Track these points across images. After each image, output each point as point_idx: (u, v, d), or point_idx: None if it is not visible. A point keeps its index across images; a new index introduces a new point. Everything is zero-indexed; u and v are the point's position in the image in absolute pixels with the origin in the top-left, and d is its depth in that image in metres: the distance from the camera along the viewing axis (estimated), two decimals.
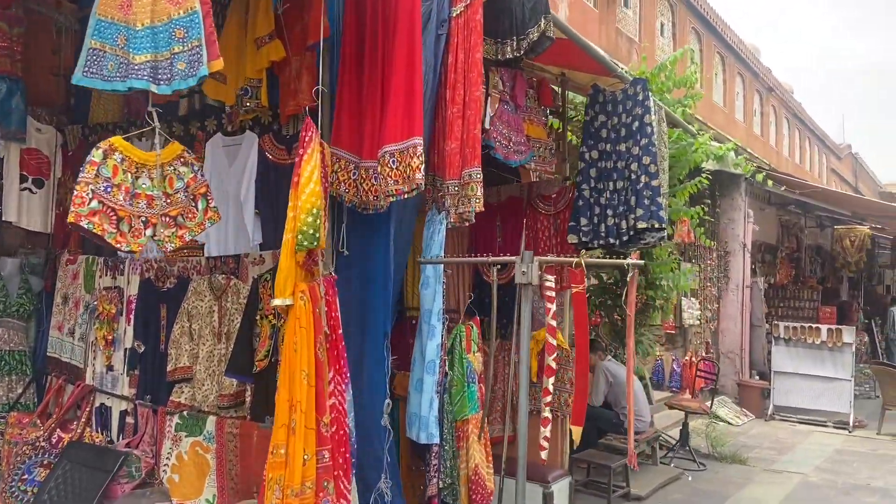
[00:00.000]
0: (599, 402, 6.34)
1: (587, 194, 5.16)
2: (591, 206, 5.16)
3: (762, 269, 12.24)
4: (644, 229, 5.02)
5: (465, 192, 3.38)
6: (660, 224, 4.98)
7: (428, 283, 3.50)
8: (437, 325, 3.48)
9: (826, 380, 10.03)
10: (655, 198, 5.02)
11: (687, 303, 10.00)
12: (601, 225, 5.11)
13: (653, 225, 4.98)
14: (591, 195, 5.17)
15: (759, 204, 12.05)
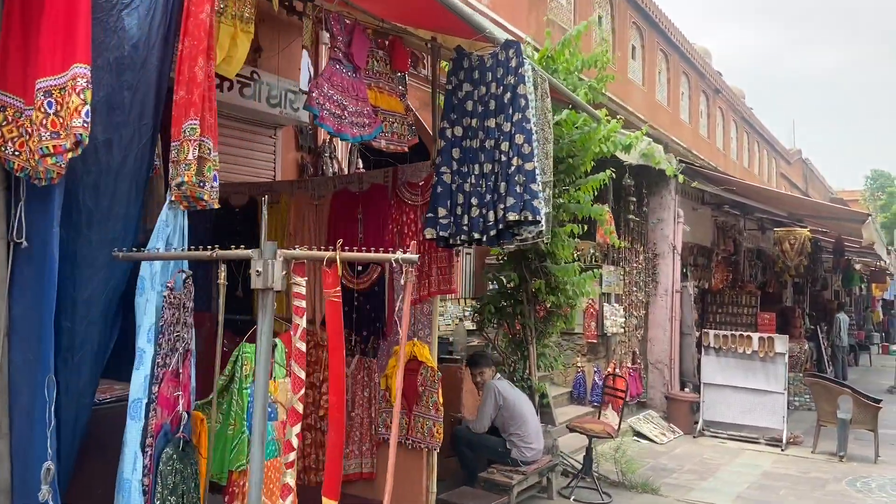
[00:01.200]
0: (484, 428, 5.47)
1: (448, 179, 4.29)
2: (452, 193, 4.29)
3: (695, 273, 11.62)
4: (516, 222, 4.17)
5: (181, 158, 2.43)
6: (534, 216, 4.14)
7: (142, 287, 2.54)
8: (147, 348, 2.52)
9: (758, 392, 9.40)
10: (529, 184, 4.18)
11: (610, 309, 9.26)
12: (464, 217, 4.24)
13: (526, 217, 4.14)
14: (452, 180, 4.30)
15: (691, 203, 11.43)
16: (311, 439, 5.08)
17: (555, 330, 6.65)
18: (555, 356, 6.74)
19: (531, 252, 6.37)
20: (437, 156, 4.35)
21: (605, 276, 9.26)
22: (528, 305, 6.51)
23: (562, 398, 9.28)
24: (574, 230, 6.68)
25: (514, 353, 6.59)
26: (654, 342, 10.46)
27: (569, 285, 6.43)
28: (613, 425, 6.53)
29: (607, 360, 9.36)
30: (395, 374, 4.67)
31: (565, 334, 9.60)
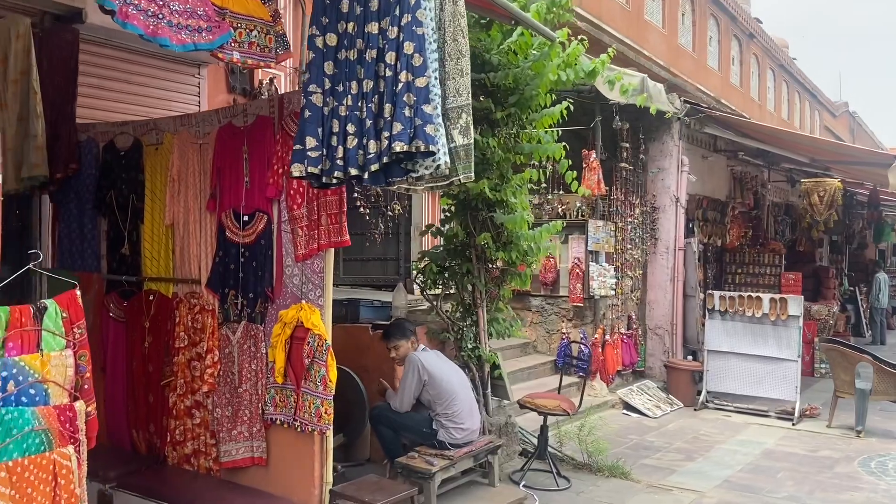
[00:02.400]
0: (405, 407, 4.74)
1: (318, 101, 3.50)
2: (324, 118, 3.50)
3: (704, 228, 10.63)
4: (407, 154, 3.39)
5: None
6: (427, 145, 3.35)
7: None
8: None
9: (769, 360, 8.50)
10: (421, 106, 3.39)
11: (598, 269, 8.39)
12: (339, 148, 3.46)
13: (417, 147, 3.36)
14: (324, 102, 3.51)
15: (700, 151, 10.40)
16: (199, 418, 4.44)
17: (506, 291, 5.85)
18: (509, 322, 5.95)
19: (478, 201, 5.56)
20: (304, 71, 3.55)
21: (592, 233, 8.38)
22: (477, 264, 5.72)
23: (544, 368, 8.52)
24: (535, 176, 5.85)
25: (463, 319, 5.82)
26: (654, 305, 9.57)
27: (523, 239, 5.61)
28: (573, 402, 5.74)
29: (595, 325, 8.53)
30: (280, 344, 3.96)
31: (549, 297, 8.81)
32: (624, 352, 8.90)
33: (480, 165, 5.57)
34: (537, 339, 8.93)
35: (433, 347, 5.67)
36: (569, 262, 8.65)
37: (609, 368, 8.56)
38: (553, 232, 5.66)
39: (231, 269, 4.30)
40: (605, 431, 7.31)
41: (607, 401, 8.35)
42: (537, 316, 8.93)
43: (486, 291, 5.78)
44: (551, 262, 8.73)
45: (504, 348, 8.45)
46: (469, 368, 5.60)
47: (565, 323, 8.68)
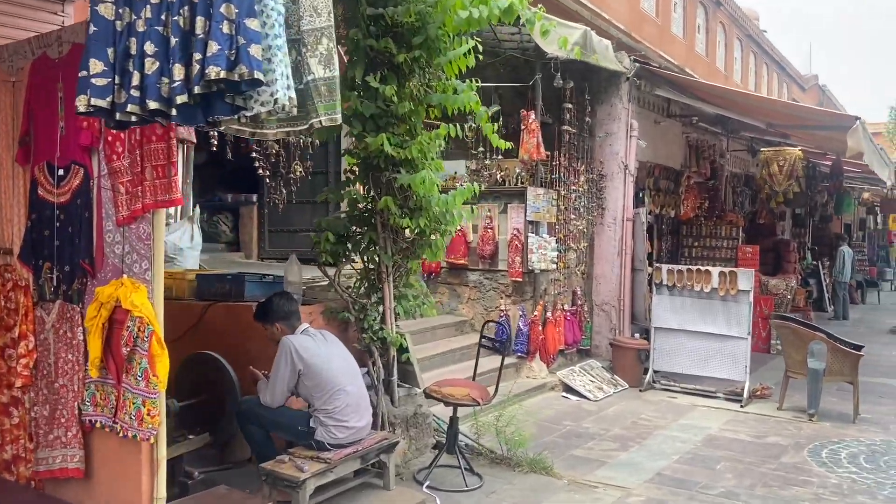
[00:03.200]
0: (277, 402, 4.00)
1: (107, 12, 2.70)
2: (115, 35, 2.70)
3: (657, 198, 9.97)
4: (230, 84, 2.61)
5: None
6: (251, 71, 2.58)
7: None
8: None
9: (717, 338, 7.90)
10: (244, 20, 2.61)
11: (537, 241, 7.67)
12: (134, 74, 2.66)
13: (242, 75, 2.57)
14: (116, 15, 2.70)
15: (652, 115, 9.69)
16: (17, 418, 3.65)
17: (414, 264, 5.09)
18: (421, 300, 5.21)
19: (381, 160, 4.79)
20: None
21: (531, 201, 7.65)
22: (383, 232, 4.95)
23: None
24: (454, 133, 5.07)
25: (367, 296, 5.07)
26: (600, 280, 8.91)
27: (435, 204, 4.86)
28: (487, 389, 5.04)
29: (534, 301, 7.84)
30: (95, 329, 3.17)
31: (488, 272, 8.09)
32: (567, 330, 8.24)
33: (384, 118, 4.81)
34: (475, 317, 8.22)
35: (332, 328, 4.94)
36: (507, 233, 7.92)
37: (549, 348, 7.90)
38: (466, 195, 4.90)
39: (45, 235, 3.50)
40: (538, 417, 6.68)
41: (546, 383, 7.70)
42: (475, 292, 8.22)
43: (394, 264, 5.02)
44: (489, 233, 8.00)
45: (438, 327, 7.75)
46: (371, 352, 4.87)
47: (504, 299, 7.98)
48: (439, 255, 4.99)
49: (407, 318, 5.20)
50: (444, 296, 8.41)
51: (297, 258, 5.12)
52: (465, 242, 8.16)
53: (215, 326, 4.91)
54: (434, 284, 8.47)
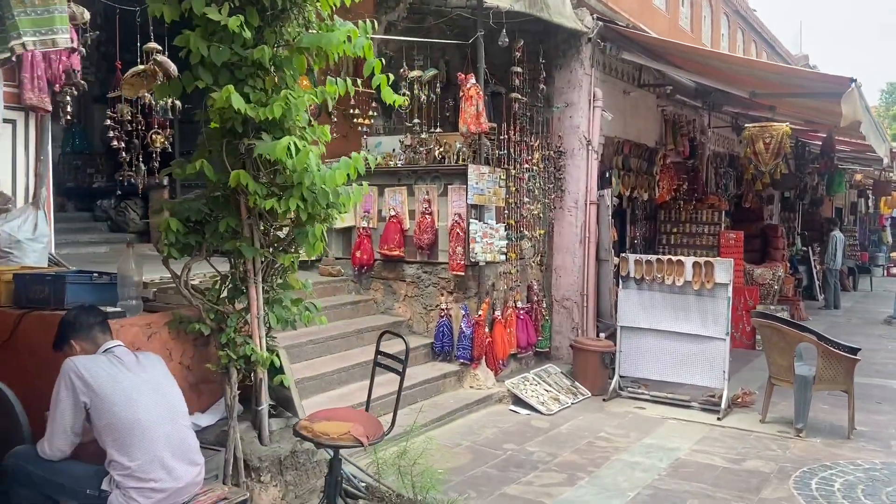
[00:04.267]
0: (59, 452, 2.89)
1: None
2: None
3: (626, 179, 8.88)
4: None
5: None
6: None
7: None
8: None
9: (692, 339, 6.86)
10: None
11: (481, 228, 6.57)
12: None
13: None
14: None
15: (620, 84, 8.59)
16: None
17: (288, 260, 3.97)
18: (304, 305, 4.09)
19: (237, 121, 3.67)
20: None
21: (473, 182, 6.53)
22: (248, 219, 3.84)
23: (418, 353, 6.73)
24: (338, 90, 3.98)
25: (230, 301, 3.96)
26: (560, 272, 7.84)
27: (312, 182, 3.74)
28: (380, 422, 3.93)
29: (479, 298, 6.75)
30: None
31: (426, 264, 6.99)
32: (520, 330, 7.17)
33: (243, 68, 3.69)
34: (413, 318, 7.13)
35: (184, 344, 3.84)
36: (448, 219, 6.82)
37: (498, 352, 6.82)
38: (348, 169, 3.79)
39: None
40: (475, 439, 5.63)
41: (492, 394, 6.63)
42: (413, 288, 7.12)
43: (264, 260, 3.91)
44: (427, 219, 6.90)
45: (365, 330, 6.67)
46: (228, 375, 3.77)
47: (445, 296, 6.88)
48: (318, 247, 3.87)
49: (283, 328, 4.09)
50: (377, 293, 7.32)
51: (134, 250, 3.97)
52: (400, 230, 7.06)
53: (30, 343, 3.78)
54: (367, 279, 7.38)
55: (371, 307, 7.24)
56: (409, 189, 7.07)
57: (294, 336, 5.95)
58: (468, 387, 6.68)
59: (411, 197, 7.07)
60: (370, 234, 7.29)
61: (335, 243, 7.62)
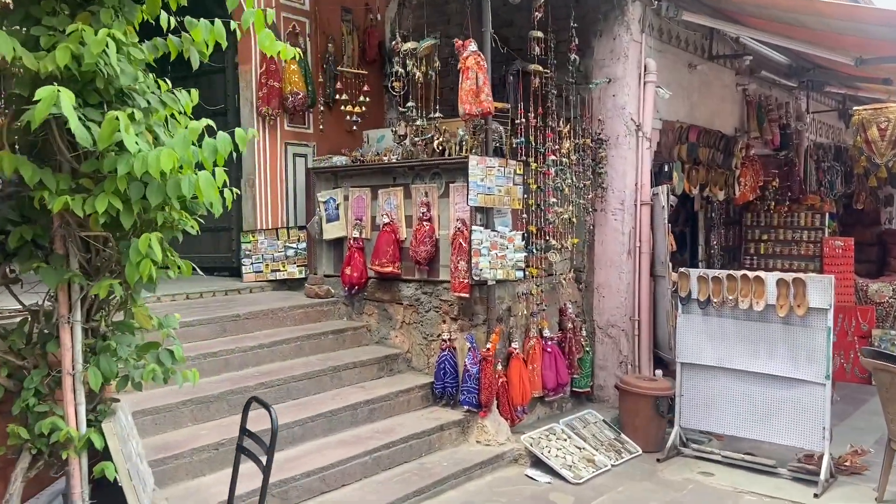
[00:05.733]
0: None
1: None
2: None
3: (696, 174, 7.17)
4: None
5: None
6: None
7: None
8: None
9: (779, 382, 5.16)
10: None
11: (487, 236, 5.12)
12: None
13: None
14: None
15: (685, 56, 6.94)
16: None
17: (103, 290, 2.67)
18: (156, 357, 2.80)
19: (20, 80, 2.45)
20: None
21: (476, 178, 5.10)
22: (61, 227, 2.61)
23: (414, 396, 5.37)
24: None
25: (41, 350, 2.72)
26: (604, 291, 6.26)
27: (140, 168, 2.45)
28: None
29: (488, 327, 5.29)
30: None
31: (427, 283, 5.64)
32: (547, 367, 5.66)
33: None
34: (411, 349, 5.76)
35: None
36: (450, 227, 5.43)
37: (515, 396, 5.35)
38: (185, 149, 2.48)
39: None
40: None
41: (504, 452, 5.13)
42: (411, 312, 5.76)
43: (83, 290, 2.66)
44: (425, 227, 5.53)
45: (349, 366, 5.35)
46: (18, 461, 2.53)
47: (447, 323, 5.48)
48: (145, 269, 2.55)
49: (119, 388, 2.81)
50: (371, 318, 6.00)
51: None
52: (395, 242, 5.72)
53: None
54: (360, 302, 6.08)
55: (363, 336, 5.93)
56: (406, 190, 5.74)
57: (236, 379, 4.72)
58: (474, 441, 5.22)
59: (408, 200, 5.73)
60: (362, 247, 5.99)
61: (325, 258, 6.37)
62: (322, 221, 6.27)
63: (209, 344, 4.98)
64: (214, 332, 5.15)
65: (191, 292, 5.87)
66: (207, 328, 5.12)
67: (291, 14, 6.66)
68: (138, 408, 4.04)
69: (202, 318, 5.14)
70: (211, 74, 6.81)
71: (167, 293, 5.71)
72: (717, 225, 8.66)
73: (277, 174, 6.59)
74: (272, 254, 6.48)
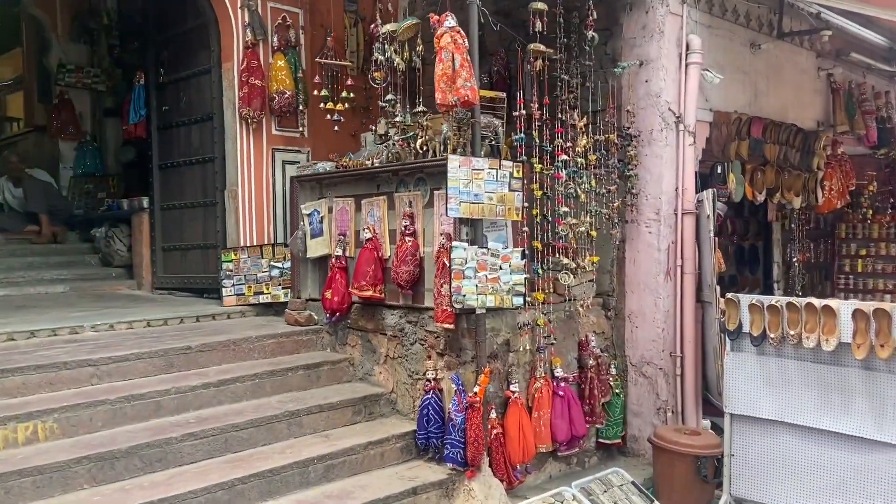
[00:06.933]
0: None
1: None
2: None
3: (760, 177, 5.96)
4: None
5: None
6: None
7: None
8: None
9: (858, 444, 3.98)
10: None
11: (473, 255, 4.19)
12: None
13: None
14: None
15: (744, 33, 5.79)
16: None
17: None
18: None
19: None
20: None
21: (458, 183, 4.18)
22: None
23: (392, 447, 4.50)
24: None
25: None
26: (637, 321, 5.18)
27: None
28: None
29: (477, 365, 4.34)
30: None
31: (411, 310, 4.78)
32: (558, 414, 4.65)
33: None
34: (396, 389, 4.90)
35: None
36: (435, 242, 4.55)
37: (512, 452, 4.39)
38: None
39: None
40: None
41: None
42: (395, 345, 4.90)
43: None
44: (408, 242, 4.67)
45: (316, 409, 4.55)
46: None
47: (433, 359, 4.57)
48: None
49: None
50: (355, 350, 5.18)
51: None
52: (376, 260, 4.90)
53: None
54: (343, 331, 5.28)
55: (343, 372, 5.11)
56: (390, 199, 4.91)
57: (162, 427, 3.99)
58: None
59: (392, 211, 4.90)
60: (345, 267, 5.20)
61: (310, 279, 5.63)
62: (306, 237, 5.53)
63: (144, 383, 4.29)
64: (157, 367, 4.47)
65: (154, 318, 5.24)
66: (147, 363, 4.44)
67: (281, 4, 6.00)
68: (16, 467, 3.37)
69: (145, 350, 4.47)
70: (200, 76, 6.27)
71: (124, 320, 5.11)
72: (799, 238, 7.33)
73: (263, 184, 5.92)
74: (256, 274, 5.79)
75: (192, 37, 6.28)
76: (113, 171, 8.71)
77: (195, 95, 6.34)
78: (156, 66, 6.73)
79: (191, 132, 6.40)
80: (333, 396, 4.71)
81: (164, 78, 6.64)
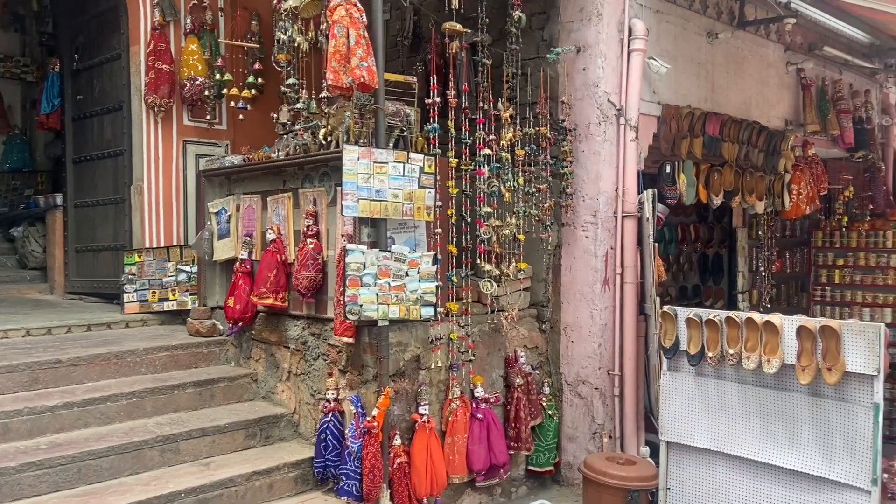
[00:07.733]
0: None
1: None
2: None
3: (718, 178, 5.49)
4: None
5: None
6: None
7: None
8: None
9: (803, 483, 3.50)
10: None
11: (374, 259, 3.72)
12: None
13: None
14: None
15: (699, 20, 5.33)
16: None
17: None
18: None
19: None
20: None
21: (360, 178, 3.72)
22: None
23: (285, 477, 4.01)
24: None
25: None
26: (572, 334, 4.71)
27: None
28: None
29: (379, 384, 3.85)
30: None
31: (314, 321, 4.30)
32: (476, 440, 4.17)
33: None
34: (298, 410, 4.42)
35: None
36: (337, 245, 4.07)
37: (418, 484, 3.90)
38: None
39: None
40: None
41: None
42: (298, 359, 4.42)
43: None
44: (310, 245, 4.21)
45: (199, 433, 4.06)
46: None
47: (335, 377, 4.09)
48: None
49: None
50: (259, 364, 4.70)
51: None
52: (279, 264, 4.43)
53: None
54: (248, 343, 4.79)
55: (244, 389, 4.63)
56: (296, 196, 4.44)
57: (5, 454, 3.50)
58: None
59: (297, 210, 4.43)
60: (249, 272, 4.72)
61: (218, 285, 5.15)
62: (213, 238, 5.06)
63: None
64: (17, 384, 3.98)
65: (35, 327, 4.76)
66: (5, 378, 3.95)
67: None
68: None
69: (4, 364, 3.99)
70: (112, 62, 5.80)
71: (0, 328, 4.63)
72: (768, 245, 6.87)
73: (172, 180, 5.45)
74: (161, 279, 5.31)
75: (106, 19, 5.83)
76: (42, 166, 8.22)
77: (107, 83, 5.87)
78: (70, 51, 6.27)
79: (103, 123, 5.93)
80: (224, 418, 4.23)
81: (79, 64, 6.18)
